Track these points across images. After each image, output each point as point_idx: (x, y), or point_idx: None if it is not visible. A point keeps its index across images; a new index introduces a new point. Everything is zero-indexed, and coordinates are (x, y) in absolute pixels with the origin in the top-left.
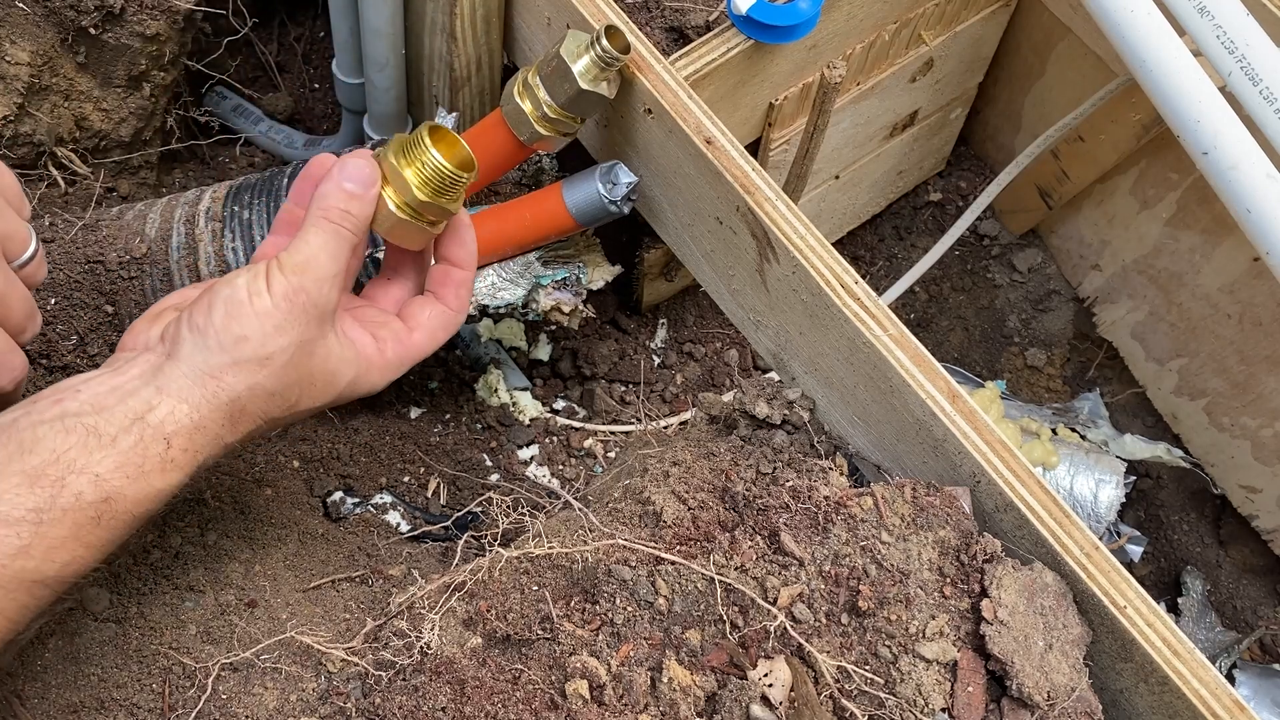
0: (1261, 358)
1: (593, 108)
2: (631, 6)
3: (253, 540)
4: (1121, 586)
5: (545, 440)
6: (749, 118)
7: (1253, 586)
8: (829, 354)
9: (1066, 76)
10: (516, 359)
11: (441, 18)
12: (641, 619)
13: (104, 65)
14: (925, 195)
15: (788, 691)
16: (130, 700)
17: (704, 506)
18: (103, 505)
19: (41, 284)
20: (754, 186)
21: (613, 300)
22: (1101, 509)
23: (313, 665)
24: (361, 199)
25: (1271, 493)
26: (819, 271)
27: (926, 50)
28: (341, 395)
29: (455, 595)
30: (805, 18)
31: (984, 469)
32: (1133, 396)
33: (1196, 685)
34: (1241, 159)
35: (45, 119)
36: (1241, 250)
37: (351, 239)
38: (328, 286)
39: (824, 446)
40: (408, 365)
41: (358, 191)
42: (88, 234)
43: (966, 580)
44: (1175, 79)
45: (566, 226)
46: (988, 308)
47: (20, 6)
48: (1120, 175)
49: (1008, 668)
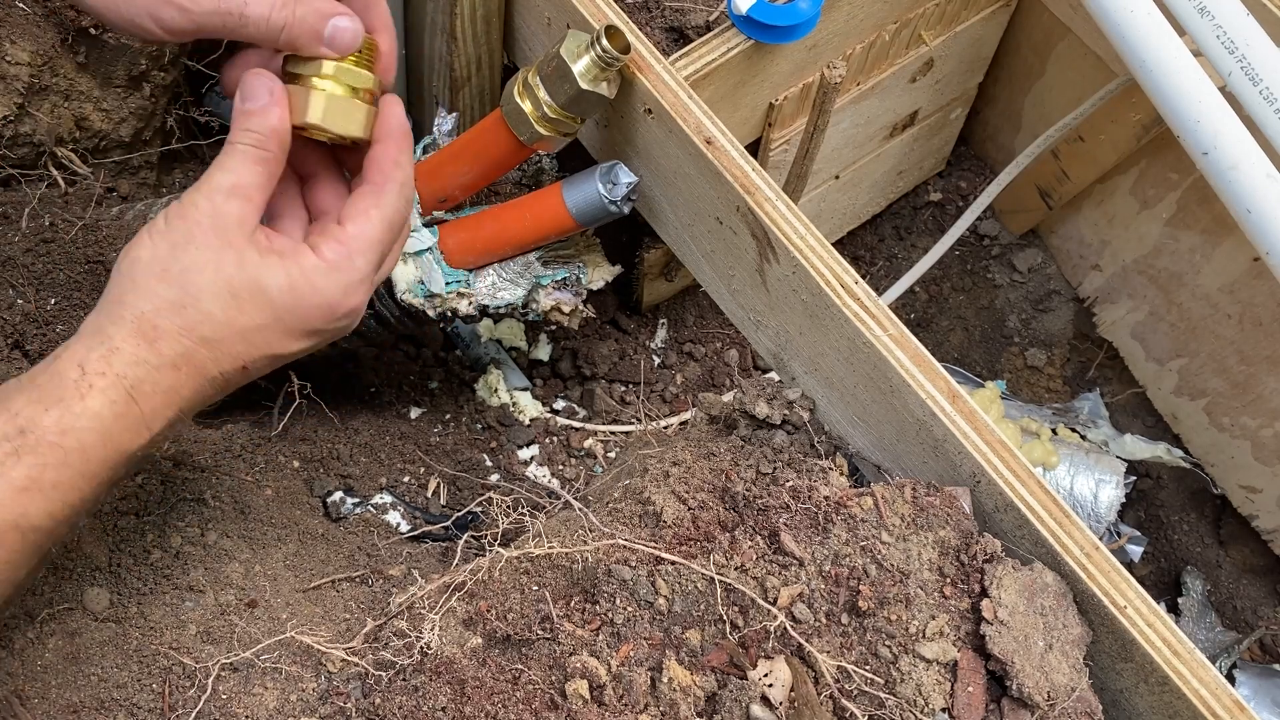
0: (1261, 358)
1: (593, 108)
2: (631, 6)
3: (253, 540)
4: (1121, 586)
5: (545, 440)
6: (749, 118)
7: (1253, 586)
8: (829, 354)
9: (1066, 76)
10: (516, 359)
11: (441, 18)
12: (641, 619)
13: (104, 65)
14: (925, 195)
15: (788, 691)
16: (130, 700)
17: (704, 506)
18: (20, 439)
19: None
20: (754, 186)
21: (613, 300)
22: (1101, 509)
23: (313, 665)
24: (255, 114)
25: (1271, 493)
26: (819, 271)
27: (926, 50)
28: (293, 311)
29: (455, 595)
30: (805, 18)
31: (984, 469)
32: (1133, 396)
33: (1196, 685)
34: (1241, 159)
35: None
36: (1241, 250)
37: (251, 151)
38: (221, 198)
39: (824, 446)
40: (360, 263)
41: (251, 107)
42: (88, 234)
43: (966, 580)
44: (1175, 79)
45: (566, 226)
46: (988, 308)
47: (20, 6)
48: (1120, 175)
49: (1008, 668)
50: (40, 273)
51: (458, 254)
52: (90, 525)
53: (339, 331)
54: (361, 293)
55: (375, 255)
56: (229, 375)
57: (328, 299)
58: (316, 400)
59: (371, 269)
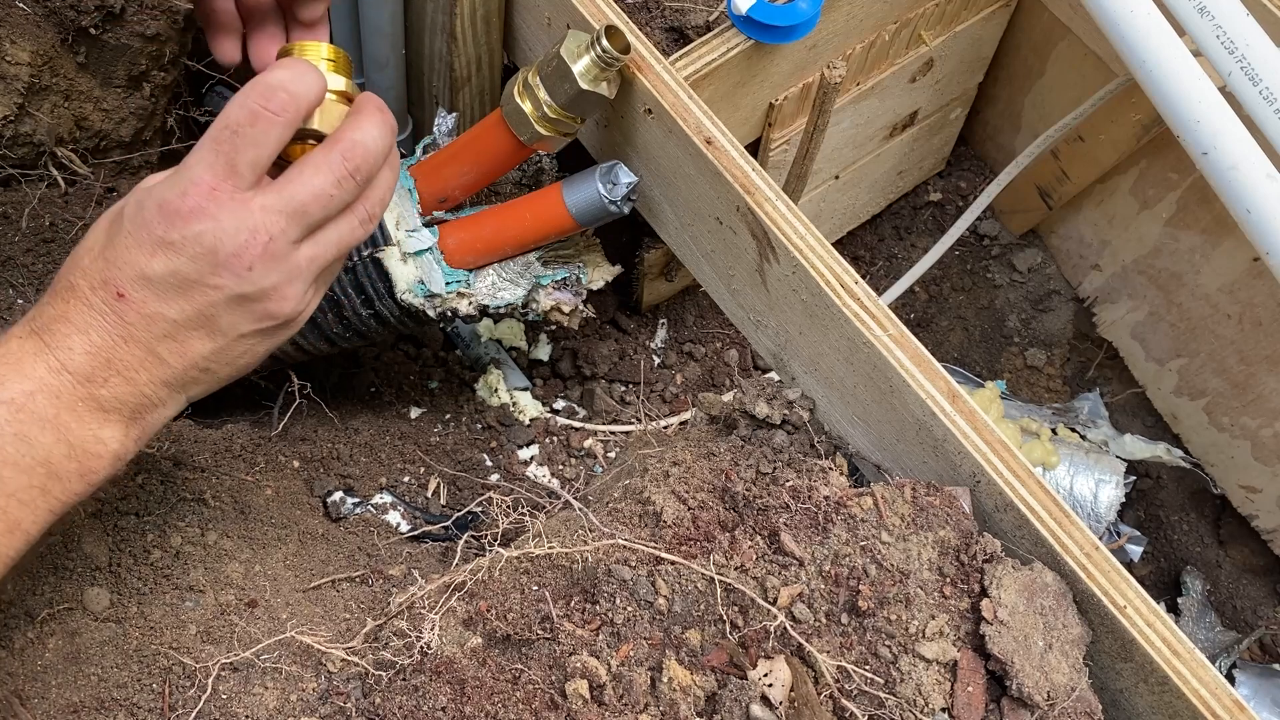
0: (1261, 358)
1: (593, 108)
2: (631, 6)
3: (253, 540)
4: (1121, 586)
5: (545, 440)
6: (749, 118)
7: (1253, 586)
8: (829, 354)
9: (1066, 76)
10: (516, 359)
11: (442, 18)
12: (641, 619)
13: (104, 65)
14: (925, 195)
15: (788, 691)
16: (130, 700)
17: (704, 506)
18: None
19: None
20: (754, 186)
21: (613, 300)
22: (1101, 509)
23: (313, 665)
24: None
25: (1271, 493)
26: (819, 271)
27: (926, 50)
28: (134, 219)
29: (455, 595)
30: (805, 18)
31: (984, 469)
32: (1133, 396)
33: (1196, 685)
34: (1241, 159)
35: (45, 119)
36: (1241, 250)
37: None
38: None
39: (824, 446)
40: (200, 172)
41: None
42: None
43: (966, 580)
44: (1175, 79)
45: (566, 226)
46: (988, 308)
47: (20, 6)
48: (1120, 175)
49: (1008, 668)
50: (40, 273)
51: (458, 254)
52: (90, 525)
53: (202, 252)
54: (214, 204)
55: (219, 164)
56: (110, 304)
57: (162, 197)
58: (316, 400)
59: (225, 183)
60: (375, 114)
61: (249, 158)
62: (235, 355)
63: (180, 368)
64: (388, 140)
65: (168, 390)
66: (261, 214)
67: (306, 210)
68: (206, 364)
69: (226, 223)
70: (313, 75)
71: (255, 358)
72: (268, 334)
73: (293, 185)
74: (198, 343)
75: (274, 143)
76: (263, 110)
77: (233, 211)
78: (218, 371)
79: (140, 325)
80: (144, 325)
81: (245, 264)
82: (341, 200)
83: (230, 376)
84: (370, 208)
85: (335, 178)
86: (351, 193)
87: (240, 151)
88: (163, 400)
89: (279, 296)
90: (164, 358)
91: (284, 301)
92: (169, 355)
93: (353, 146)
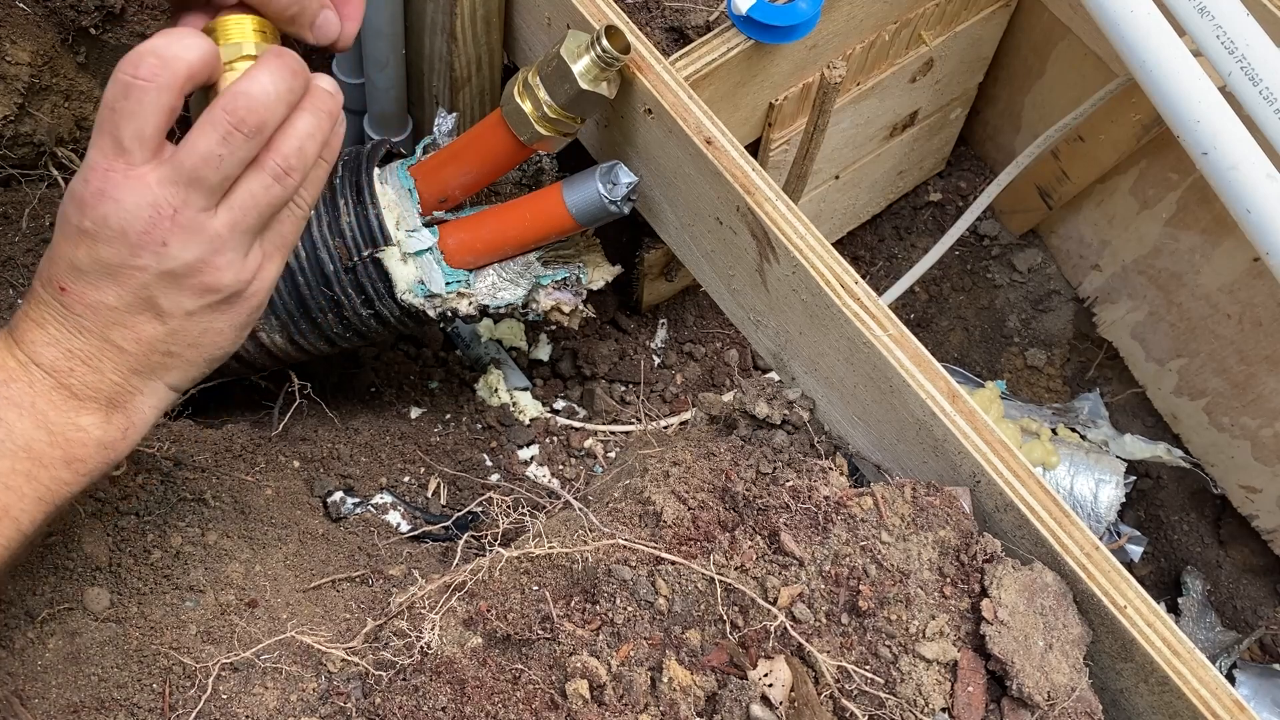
0: (1261, 358)
1: (593, 108)
2: (631, 6)
3: (253, 540)
4: (1121, 586)
5: (545, 440)
6: (749, 118)
7: (1253, 586)
8: (829, 354)
9: (1066, 76)
10: (516, 359)
11: (441, 18)
12: (641, 619)
13: (104, 65)
14: (925, 195)
15: (788, 691)
16: (130, 700)
17: (704, 506)
18: None
19: None
20: (754, 186)
21: (613, 300)
22: (1101, 509)
23: (313, 665)
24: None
25: (1271, 493)
26: (819, 271)
27: (926, 50)
28: (61, 213)
29: (455, 595)
30: (805, 18)
31: (984, 469)
32: (1133, 396)
33: (1196, 685)
34: (1241, 159)
35: (46, 119)
36: (1241, 250)
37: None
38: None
39: (824, 446)
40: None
41: None
42: None
43: (966, 580)
44: (1175, 79)
45: (566, 226)
46: (988, 308)
47: (21, 7)
48: (1120, 175)
49: (1008, 668)
50: None
51: (458, 254)
52: (90, 525)
53: (114, 235)
54: (110, 185)
55: (107, 144)
56: (57, 298)
57: (71, 187)
58: (317, 400)
59: (117, 161)
60: (270, 61)
61: (130, 131)
62: (195, 335)
63: (139, 353)
64: (283, 85)
65: (139, 378)
66: (159, 188)
67: (200, 175)
68: (166, 347)
69: (127, 202)
70: (188, 38)
71: (224, 337)
72: (219, 309)
73: (180, 153)
74: (146, 326)
75: (152, 112)
76: (133, 80)
77: (131, 190)
78: (184, 354)
79: (87, 316)
80: (90, 315)
81: (159, 240)
82: (237, 158)
83: (206, 359)
84: (281, 160)
85: (219, 135)
86: (244, 148)
87: (120, 126)
88: (136, 388)
89: (210, 268)
90: (120, 345)
91: (218, 272)
92: (124, 342)
93: (233, 99)
